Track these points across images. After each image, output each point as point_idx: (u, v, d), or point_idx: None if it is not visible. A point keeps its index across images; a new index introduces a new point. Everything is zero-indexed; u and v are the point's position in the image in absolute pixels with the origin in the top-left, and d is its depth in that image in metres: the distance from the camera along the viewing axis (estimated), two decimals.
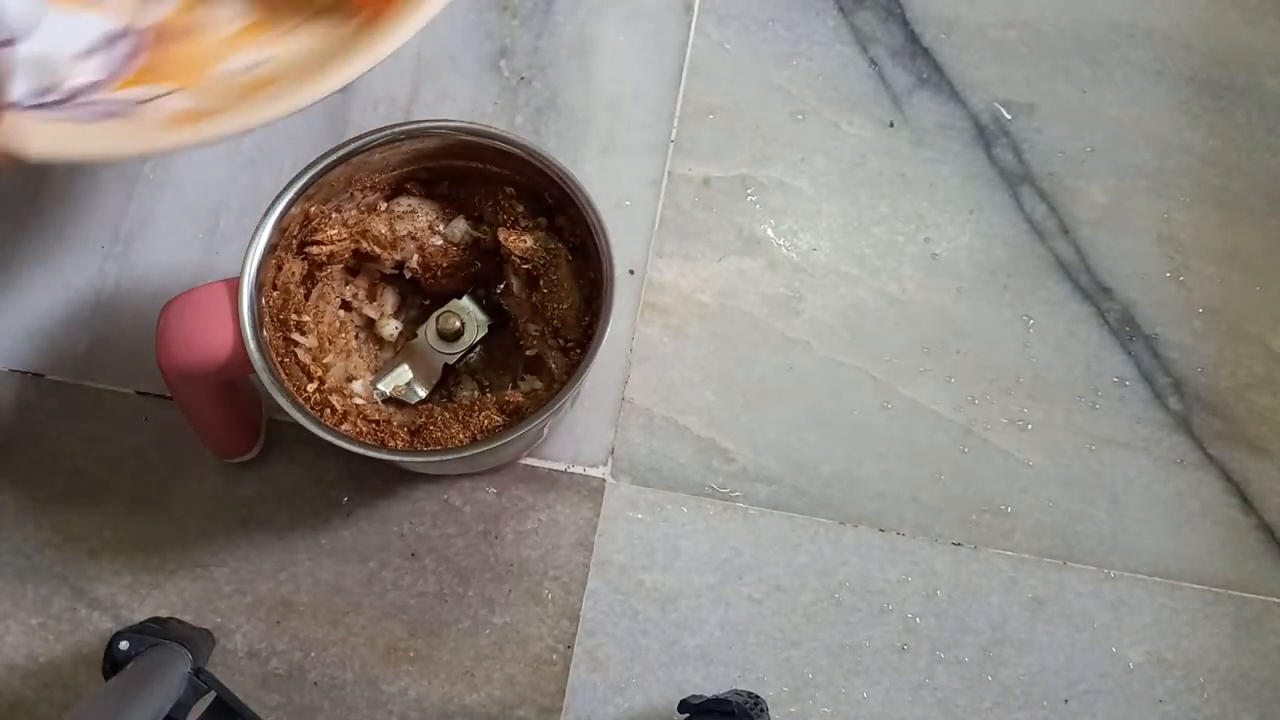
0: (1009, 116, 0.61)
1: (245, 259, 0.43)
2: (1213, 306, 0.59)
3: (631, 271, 0.59)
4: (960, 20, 0.62)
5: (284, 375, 0.45)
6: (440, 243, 0.50)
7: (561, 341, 0.48)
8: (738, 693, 0.51)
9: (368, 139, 0.45)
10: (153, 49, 0.46)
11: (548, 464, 0.57)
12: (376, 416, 0.47)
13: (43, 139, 0.38)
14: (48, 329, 0.58)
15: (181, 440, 0.56)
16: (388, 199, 0.50)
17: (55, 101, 0.43)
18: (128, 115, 0.42)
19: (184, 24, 0.46)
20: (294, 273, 0.47)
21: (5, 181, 0.59)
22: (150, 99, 0.43)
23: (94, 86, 0.44)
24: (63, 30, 0.45)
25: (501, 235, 0.48)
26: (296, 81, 0.40)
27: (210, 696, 0.48)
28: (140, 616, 0.55)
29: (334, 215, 0.48)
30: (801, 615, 0.56)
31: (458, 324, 0.49)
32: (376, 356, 0.51)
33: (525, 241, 0.48)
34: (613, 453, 0.57)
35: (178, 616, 0.54)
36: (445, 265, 0.50)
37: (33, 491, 0.56)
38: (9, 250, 0.59)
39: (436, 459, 0.44)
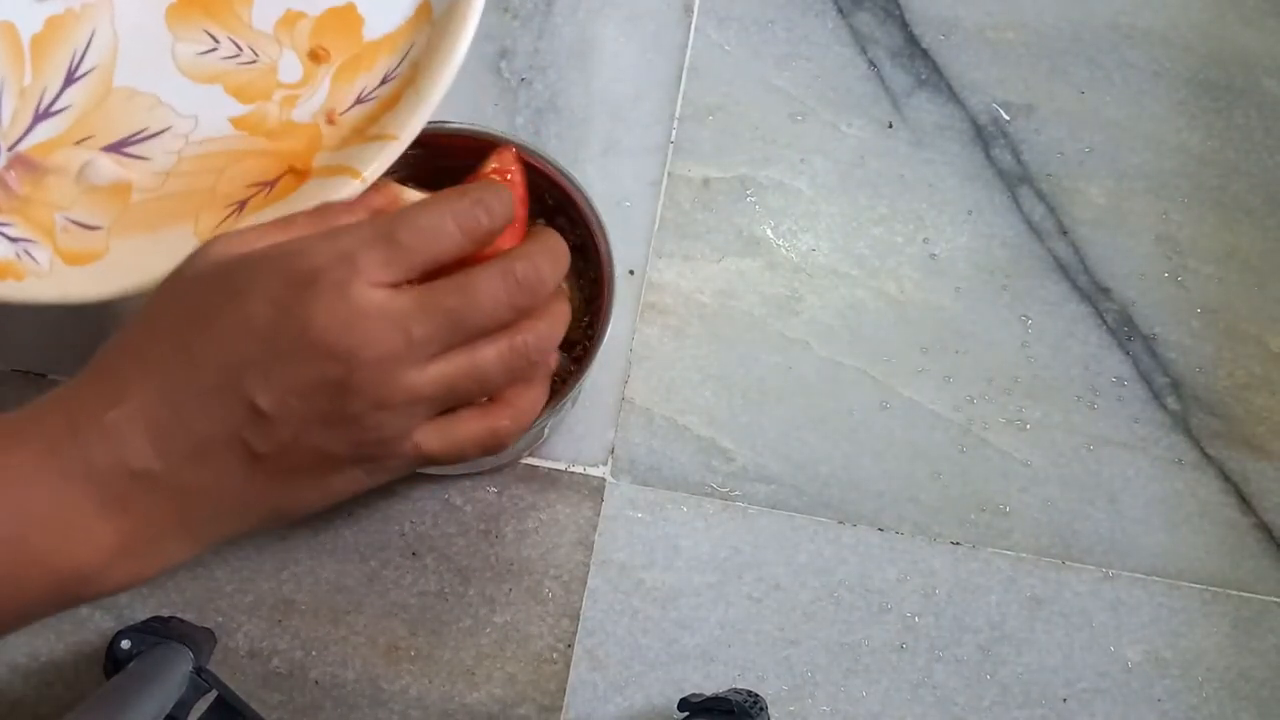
0: (1007, 117, 0.61)
1: None
2: (1211, 306, 0.60)
3: (631, 272, 0.59)
4: (959, 21, 0.62)
5: None
6: None
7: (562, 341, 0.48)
8: (737, 691, 0.52)
9: None
10: (9, 171, 0.43)
11: (548, 463, 0.57)
12: None
13: None
14: (51, 329, 0.58)
15: None
16: None
17: None
18: None
19: (47, 161, 0.44)
20: None
21: None
22: None
23: None
24: None
25: None
26: (120, 269, 0.38)
27: (212, 695, 0.49)
28: (142, 615, 0.55)
29: None
30: (801, 614, 0.56)
31: None
32: None
33: None
34: (613, 452, 0.57)
35: (179, 615, 0.54)
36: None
37: None
38: None
39: None
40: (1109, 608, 0.56)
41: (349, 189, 0.37)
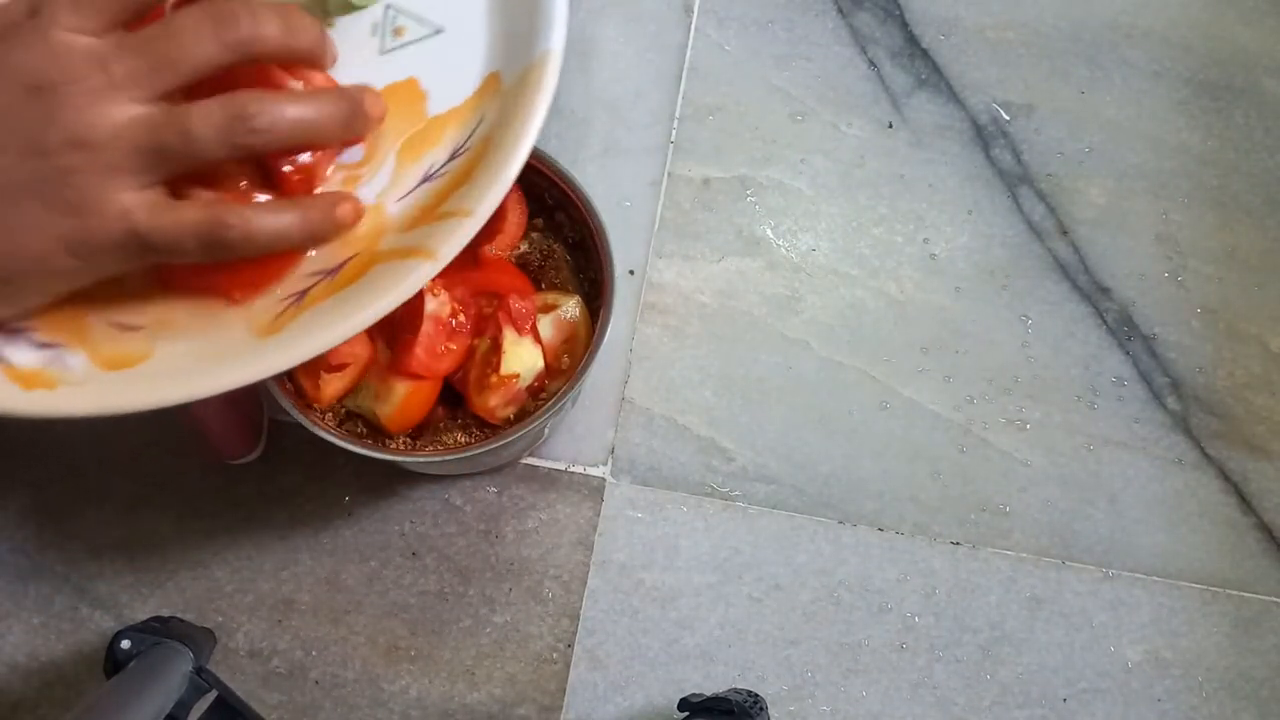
0: (1007, 117, 0.61)
1: None
2: (1210, 306, 0.60)
3: (631, 272, 0.59)
4: (959, 21, 0.62)
5: (286, 376, 0.45)
6: None
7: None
8: (737, 691, 0.52)
9: None
10: None
11: (548, 463, 0.57)
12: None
13: None
14: None
15: (182, 440, 0.56)
16: None
17: None
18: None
19: None
20: None
21: None
22: (14, 333, 0.37)
23: None
24: None
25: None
26: (167, 373, 0.34)
27: (212, 695, 0.49)
28: (142, 615, 0.55)
29: None
30: (801, 614, 0.56)
31: None
32: None
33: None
34: (613, 452, 0.57)
35: (179, 615, 0.54)
36: None
37: (34, 491, 0.56)
38: None
39: (437, 459, 0.45)
40: (1109, 608, 0.56)
41: (422, 271, 0.35)
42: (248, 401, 0.54)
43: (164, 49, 0.31)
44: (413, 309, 0.45)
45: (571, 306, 0.47)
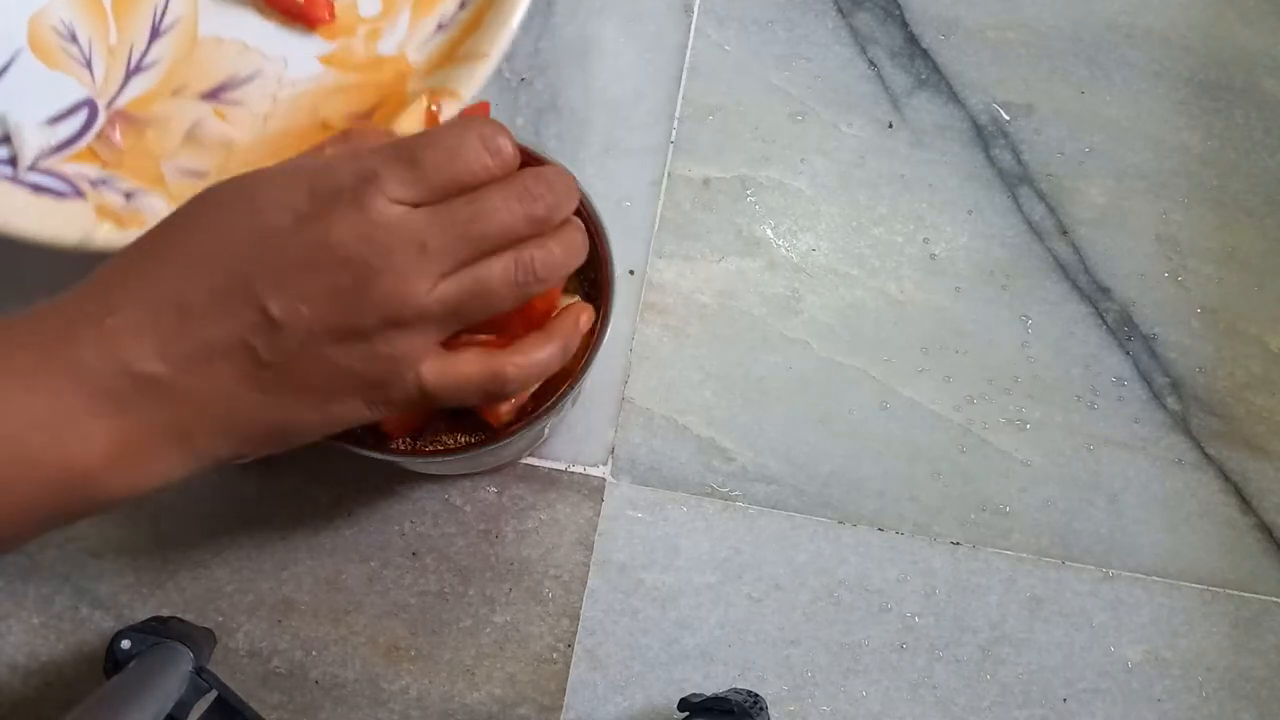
0: (1007, 117, 0.61)
1: None
2: (1211, 306, 0.60)
3: (631, 272, 0.59)
4: (959, 21, 0.62)
5: None
6: None
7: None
8: (737, 691, 0.52)
9: None
10: (110, 127, 0.46)
11: (548, 463, 0.57)
12: None
13: None
14: None
15: None
16: None
17: (8, 160, 0.43)
18: (71, 199, 0.42)
19: (146, 114, 0.47)
20: None
21: None
22: (100, 181, 0.43)
23: (47, 152, 0.44)
24: (36, 90, 0.45)
25: None
26: None
27: (212, 695, 0.49)
28: (142, 615, 0.55)
29: None
30: (801, 614, 0.56)
31: None
32: None
33: None
34: (613, 452, 0.57)
35: (179, 615, 0.54)
36: None
37: None
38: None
39: (438, 460, 0.45)
40: (1109, 608, 0.56)
41: (449, 109, 0.39)
42: None
43: (476, 224, 0.32)
44: None
45: None
